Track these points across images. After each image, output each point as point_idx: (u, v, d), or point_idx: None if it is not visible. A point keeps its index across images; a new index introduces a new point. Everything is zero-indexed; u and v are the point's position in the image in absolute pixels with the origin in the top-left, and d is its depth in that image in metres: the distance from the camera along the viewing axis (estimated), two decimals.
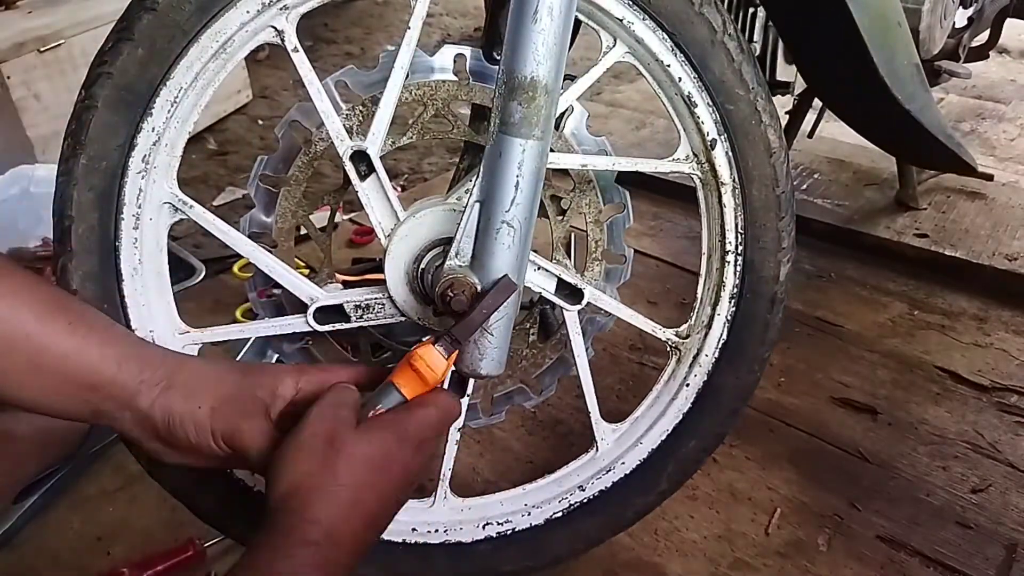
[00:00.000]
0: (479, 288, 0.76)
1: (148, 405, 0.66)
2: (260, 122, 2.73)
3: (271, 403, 0.70)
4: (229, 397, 0.68)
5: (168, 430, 0.66)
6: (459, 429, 0.92)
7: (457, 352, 0.74)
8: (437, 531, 0.95)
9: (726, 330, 0.96)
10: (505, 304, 0.75)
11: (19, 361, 0.62)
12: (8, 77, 2.04)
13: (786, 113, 1.86)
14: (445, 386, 0.78)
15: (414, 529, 0.94)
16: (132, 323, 0.82)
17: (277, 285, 0.87)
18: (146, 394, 0.66)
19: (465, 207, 0.77)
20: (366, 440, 0.65)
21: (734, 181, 0.91)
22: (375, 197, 0.83)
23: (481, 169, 0.76)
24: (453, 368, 0.75)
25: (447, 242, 0.80)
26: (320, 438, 0.64)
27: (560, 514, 0.98)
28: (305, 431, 0.64)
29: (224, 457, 0.68)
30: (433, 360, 0.72)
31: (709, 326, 0.96)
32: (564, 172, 0.93)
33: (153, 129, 0.79)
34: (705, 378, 0.97)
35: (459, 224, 0.78)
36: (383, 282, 0.84)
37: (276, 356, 0.96)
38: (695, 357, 0.97)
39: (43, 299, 0.64)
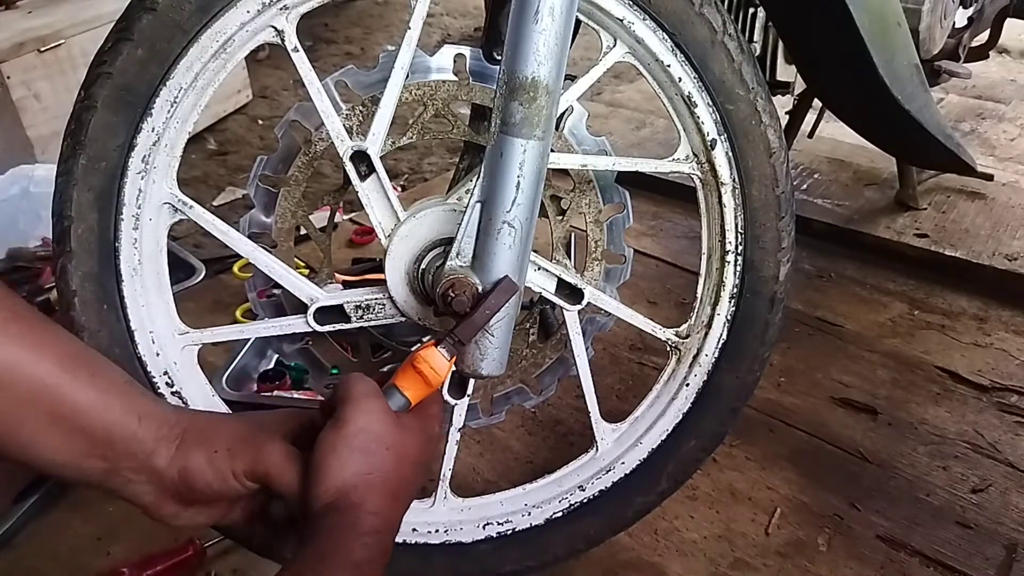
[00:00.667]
0: (480, 288, 0.76)
1: (165, 464, 0.65)
2: (260, 122, 2.73)
3: (285, 434, 0.69)
4: (243, 436, 0.67)
5: (186, 485, 0.66)
6: (459, 429, 0.92)
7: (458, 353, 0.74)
8: (437, 531, 0.95)
9: (726, 330, 0.96)
10: (506, 305, 0.75)
11: (39, 412, 0.61)
12: (8, 77, 2.04)
13: (786, 113, 1.85)
14: (445, 387, 0.78)
15: (414, 529, 0.94)
16: (132, 323, 0.82)
17: (277, 285, 0.87)
18: (163, 452, 0.65)
19: (466, 207, 0.77)
20: (410, 436, 0.68)
21: (734, 181, 0.91)
22: (375, 197, 0.83)
23: (482, 169, 0.76)
24: (453, 368, 0.75)
25: (448, 242, 0.80)
26: (369, 435, 0.65)
27: (560, 514, 0.98)
28: (349, 426, 0.65)
29: (247, 497, 0.69)
30: (436, 362, 0.71)
31: (709, 326, 0.96)
32: (564, 172, 0.93)
33: (153, 129, 0.79)
34: (705, 378, 0.97)
35: (460, 224, 0.78)
36: (383, 282, 0.84)
37: (276, 356, 0.96)
38: (695, 357, 0.97)
39: (66, 351, 0.63)
